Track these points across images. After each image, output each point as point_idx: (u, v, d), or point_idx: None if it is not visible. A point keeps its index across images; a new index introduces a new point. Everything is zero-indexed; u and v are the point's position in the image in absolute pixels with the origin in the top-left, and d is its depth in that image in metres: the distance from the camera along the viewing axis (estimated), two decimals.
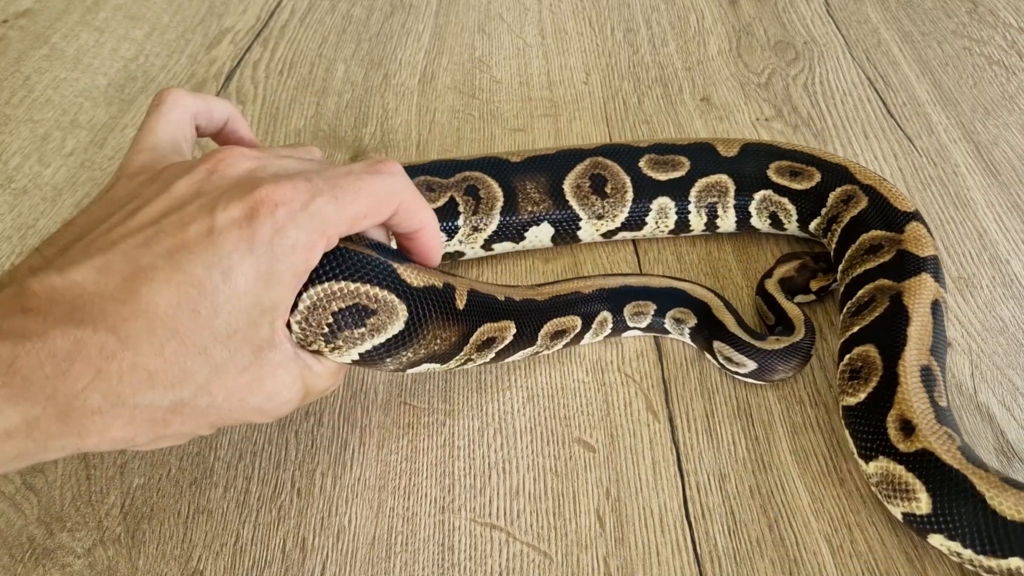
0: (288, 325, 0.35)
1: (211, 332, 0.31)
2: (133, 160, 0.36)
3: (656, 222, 0.56)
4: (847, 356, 0.46)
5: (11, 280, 0.30)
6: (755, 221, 0.56)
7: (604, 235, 0.56)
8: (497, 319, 0.44)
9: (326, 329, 0.36)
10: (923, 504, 0.40)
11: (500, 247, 0.55)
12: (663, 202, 0.55)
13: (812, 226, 0.55)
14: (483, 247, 0.55)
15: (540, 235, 0.56)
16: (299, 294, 0.35)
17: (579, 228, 0.56)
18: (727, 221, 0.56)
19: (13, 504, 0.43)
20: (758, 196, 0.56)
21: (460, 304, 0.41)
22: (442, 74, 0.78)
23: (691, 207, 0.56)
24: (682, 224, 0.56)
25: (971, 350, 0.50)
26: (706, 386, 0.48)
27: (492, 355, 0.45)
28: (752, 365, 0.47)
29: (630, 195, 0.55)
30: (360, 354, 0.38)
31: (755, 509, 0.42)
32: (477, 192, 0.53)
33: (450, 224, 0.53)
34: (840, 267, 0.52)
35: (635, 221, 0.56)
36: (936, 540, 0.40)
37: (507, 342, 0.45)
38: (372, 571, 0.40)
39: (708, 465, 0.44)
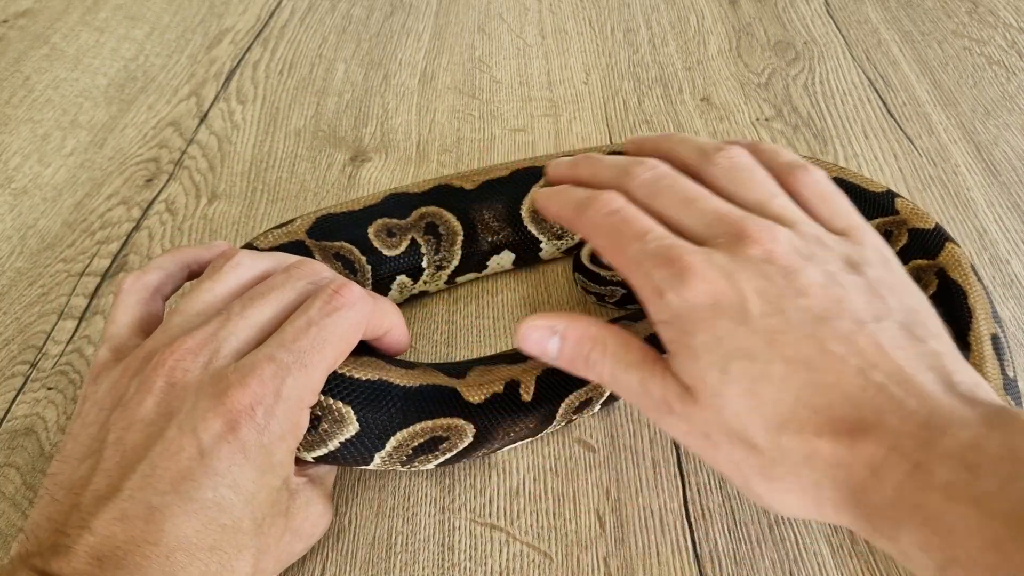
0: (369, 460, 0.38)
1: (243, 533, 0.33)
2: (98, 358, 0.37)
3: None
4: None
5: (41, 539, 0.31)
6: None
7: (566, 252, 0.56)
8: (586, 381, 0.43)
9: (404, 459, 0.39)
10: None
11: (463, 279, 0.55)
12: None
13: None
14: (446, 283, 0.54)
15: (502, 262, 0.55)
16: (385, 439, 0.38)
17: (540, 250, 0.55)
18: None
19: (13, 504, 0.43)
20: None
21: (527, 396, 0.41)
22: (442, 74, 0.78)
23: None
24: None
25: None
26: None
27: (598, 407, 0.45)
28: None
29: None
30: (435, 466, 0.41)
31: (755, 509, 0.42)
32: (437, 229, 0.52)
33: (415, 266, 0.52)
34: None
35: None
36: None
37: (608, 393, 0.44)
38: (372, 571, 0.40)
39: (708, 465, 0.44)
